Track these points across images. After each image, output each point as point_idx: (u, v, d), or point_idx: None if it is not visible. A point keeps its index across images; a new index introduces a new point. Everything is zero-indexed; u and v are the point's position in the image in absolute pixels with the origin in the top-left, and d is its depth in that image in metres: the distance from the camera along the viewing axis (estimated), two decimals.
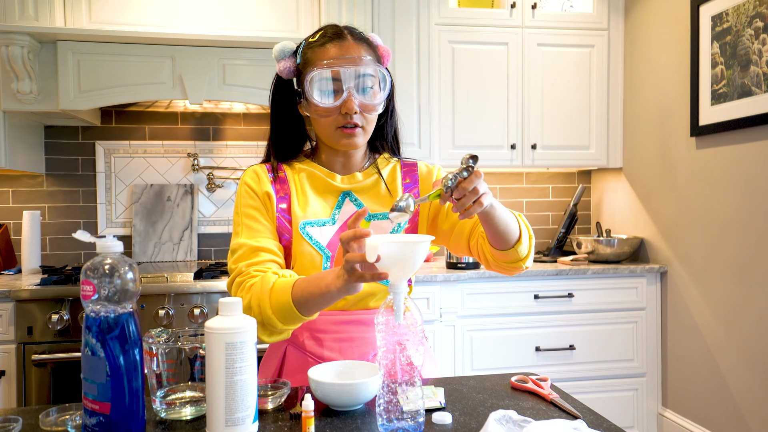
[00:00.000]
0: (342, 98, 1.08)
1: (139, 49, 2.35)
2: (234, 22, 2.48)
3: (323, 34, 1.13)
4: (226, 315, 0.78)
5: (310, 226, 1.13)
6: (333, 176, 1.18)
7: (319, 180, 1.18)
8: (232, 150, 2.88)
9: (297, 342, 1.16)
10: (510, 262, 1.10)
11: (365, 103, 1.10)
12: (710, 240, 2.41)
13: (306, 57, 1.13)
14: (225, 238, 2.88)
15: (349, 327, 1.13)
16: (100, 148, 2.77)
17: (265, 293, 1.01)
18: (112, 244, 0.72)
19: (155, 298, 2.18)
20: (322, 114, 1.11)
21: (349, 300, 1.13)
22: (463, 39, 2.79)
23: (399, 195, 1.20)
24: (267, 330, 1.03)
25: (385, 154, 1.26)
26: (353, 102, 1.08)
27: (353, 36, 1.12)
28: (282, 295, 1.00)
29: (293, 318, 1.00)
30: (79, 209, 2.76)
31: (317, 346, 1.13)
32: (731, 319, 2.31)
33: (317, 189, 1.18)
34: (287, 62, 1.15)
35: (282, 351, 1.17)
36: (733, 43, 2.24)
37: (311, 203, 1.15)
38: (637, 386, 2.67)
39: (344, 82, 1.08)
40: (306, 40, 1.15)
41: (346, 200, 1.18)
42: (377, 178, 1.21)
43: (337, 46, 1.09)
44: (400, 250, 0.80)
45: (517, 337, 2.56)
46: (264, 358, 1.23)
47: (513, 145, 2.83)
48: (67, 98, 2.30)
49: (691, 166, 2.50)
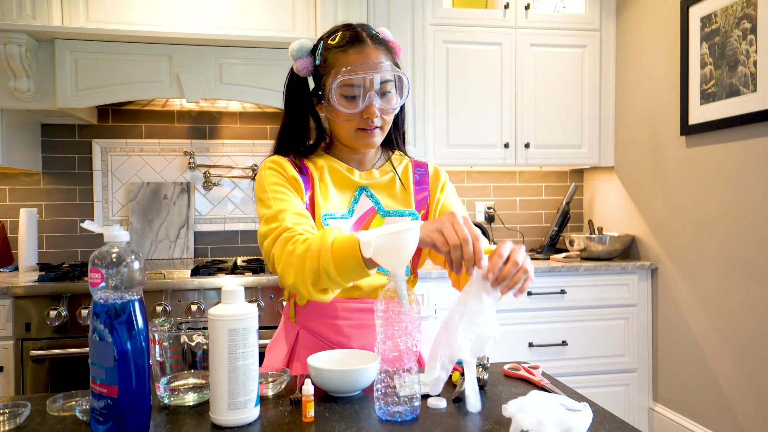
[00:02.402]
0: (364, 104, 1.12)
1: (136, 48, 2.37)
2: (231, 22, 2.51)
3: (342, 36, 1.14)
4: (228, 303, 0.81)
5: (331, 218, 1.16)
6: (352, 171, 1.21)
7: (339, 174, 1.20)
8: (228, 148, 2.90)
9: (311, 328, 1.19)
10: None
11: (385, 107, 1.14)
12: (699, 237, 2.45)
13: (326, 60, 1.15)
14: (221, 236, 2.90)
15: (361, 315, 1.17)
16: (97, 146, 2.78)
17: (326, 242, 0.96)
18: (119, 233, 0.75)
19: (153, 295, 2.20)
20: (343, 118, 1.14)
21: (363, 289, 1.17)
22: (457, 39, 2.83)
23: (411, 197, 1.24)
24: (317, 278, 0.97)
25: (398, 152, 1.30)
26: (375, 108, 1.12)
27: (372, 40, 1.14)
28: (348, 245, 0.94)
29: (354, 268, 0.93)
30: (75, 207, 2.77)
31: (331, 331, 1.17)
32: (719, 314, 2.35)
33: (337, 182, 1.20)
34: (305, 61, 1.17)
35: (295, 334, 1.20)
36: (721, 44, 2.28)
37: (331, 195, 1.18)
38: (628, 381, 2.71)
39: (366, 88, 1.11)
40: (324, 41, 1.17)
41: (362, 195, 1.21)
42: (393, 176, 1.25)
43: (358, 52, 1.12)
44: (391, 240, 0.83)
45: (511, 332, 2.59)
46: (273, 342, 1.26)
47: (506, 144, 2.87)
48: (65, 96, 2.32)
49: (681, 165, 2.55)
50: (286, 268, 1.01)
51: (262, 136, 2.94)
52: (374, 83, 1.11)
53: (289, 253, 1.01)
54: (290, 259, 1.00)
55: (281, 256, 1.02)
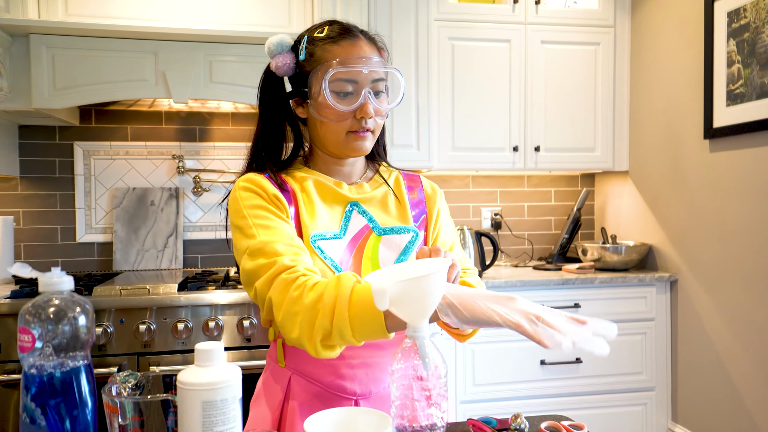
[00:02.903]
0: (360, 101, 0.98)
1: (119, 44, 2.19)
2: (221, 16, 2.33)
3: (331, 29, 1.02)
4: (203, 365, 0.64)
5: (321, 240, 0.99)
6: (340, 185, 1.06)
7: (325, 188, 1.04)
8: (219, 151, 2.73)
9: (304, 371, 1.01)
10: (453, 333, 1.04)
11: (378, 107, 1.01)
12: (724, 247, 2.29)
13: (313, 54, 1.01)
14: (212, 245, 2.72)
15: (363, 351, 1.00)
16: (79, 149, 2.60)
17: (343, 296, 0.80)
18: (60, 280, 0.57)
19: (136, 312, 2.02)
20: (334, 118, 1.00)
21: None
22: (463, 36, 2.65)
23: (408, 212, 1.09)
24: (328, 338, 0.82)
25: (384, 163, 1.16)
26: (369, 106, 0.99)
27: (364, 35, 1.04)
28: (368, 303, 0.79)
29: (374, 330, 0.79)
30: (56, 214, 2.59)
31: (330, 374, 0.99)
32: (745, 329, 2.19)
33: (324, 198, 1.04)
34: (285, 58, 1.03)
35: (285, 381, 1.02)
36: (751, 41, 2.12)
37: (319, 213, 1.01)
38: (645, 401, 2.54)
39: (362, 84, 0.99)
40: (309, 35, 1.03)
41: (354, 212, 1.05)
42: (386, 190, 1.10)
43: (352, 44, 1.00)
44: (411, 287, 0.65)
45: (521, 350, 2.42)
46: (258, 393, 1.08)
47: (515, 147, 2.70)
48: (41, 96, 2.13)
49: (704, 170, 2.38)
50: (289, 319, 0.84)
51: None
52: (369, 79, 0.99)
53: (293, 300, 0.84)
54: (295, 308, 0.83)
55: (282, 303, 0.85)
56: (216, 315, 2.07)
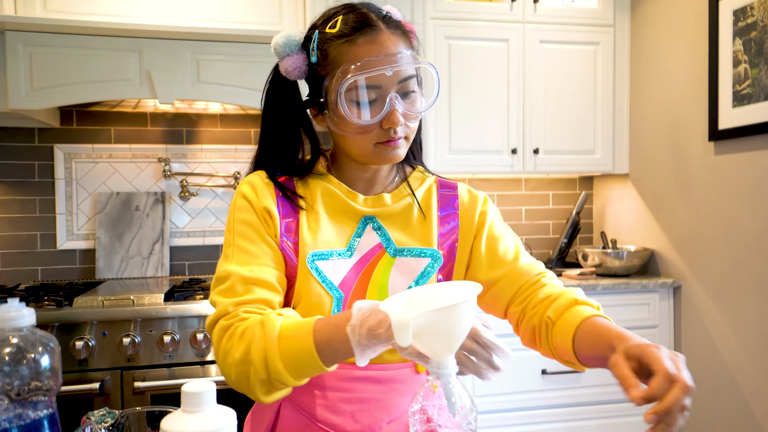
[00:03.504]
0: (385, 111, 0.84)
1: (101, 42, 2.08)
2: (209, 13, 2.23)
3: (345, 21, 0.87)
4: (191, 411, 0.54)
5: (321, 259, 0.89)
6: (354, 196, 0.94)
7: (336, 199, 0.93)
8: (207, 154, 2.62)
9: (295, 400, 0.91)
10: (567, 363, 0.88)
11: (409, 112, 0.87)
12: (730, 253, 2.22)
13: (327, 55, 0.87)
14: (200, 251, 2.62)
15: (360, 385, 0.89)
16: (60, 152, 2.48)
17: (271, 341, 0.76)
18: (18, 314, 0.48)
19: (119, 325, 1.91)
20: (358, 131, 0.86)
21: None
22: (460, 34, 2.57)
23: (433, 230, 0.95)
24: (268, 387, 0.78)
25: (419, 168, 1.02)
26: (398, 114, 0.85)
27: (386, 23, 0.87)
28: (297, 343, 0.75)
29: (311, 369, 0.76)
30: (35, 220, 2.47)
31: (321, 407, 0.89)
32: (753, 337, 2.12)
33: (332, 211, 0.93)
34: (296, 59, 0.89)
35: (274, 412, 0.92)
36: (759, 40, 2.05)
37: (323, 228, 0.91)
38: None
39: (386, 89, 0.84)
40: (319, 30, 0.89)
41: (367, 227, 0.93)
42: (410, 203, 0.96)
43: (370, 41, 0.85)
44: (440, 318, 0.56)
45: (522, 359, 2.34)
46: (249, 420, 0.98)
47: (514, 150, 2.62)
48: (18, 96, 2.02)
49: (709, 173, 2.31)
50: (225, 370, 0.80)
51: (245, 140, 2.66)
52: (395, 82, 0.84)
53: (225, 352, 0.79)
54: (227, 361, 0.79)
55: (218, 351, 0.81)
56: (204, 326, 1.97)
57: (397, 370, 0.92)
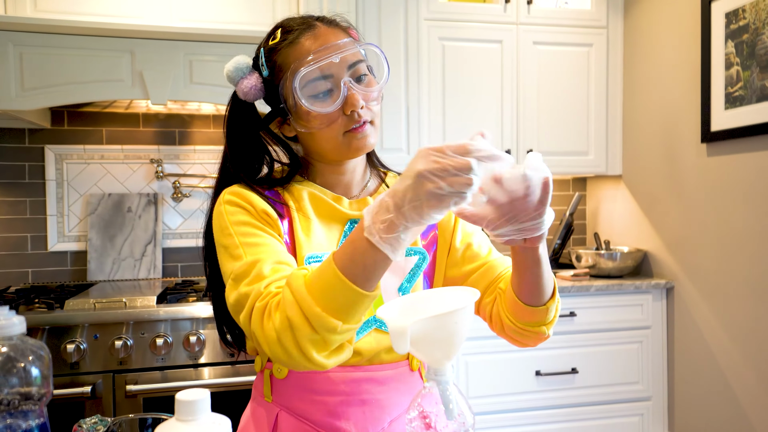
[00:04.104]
0: (342, 95, 0.86)
1: (92, 42, 2.06)
2: (202, 14, 2.22)
3: (286, 30, 0.91)
4: (185, 420, 0.54)
5: (316, 260, 0.88)
6: (340, 200, 0.95)
7: (323, 204, 0.94)
8: (200, 155, 2.61)
9: (294, 408, 0.90)
10: (534, 324, 0.86)
11: (367, 93, 0.88)
12: (722, 254, 2.23)
13: (275, 64, 0.90)
14: (193, 253, 2.60)
15: (359, 386, 0.89)
16: (51, 153, 2.46)
17: (300, 291, 0.71)
18: (7, 322, 0.47)
19: (111, 328, 1.90)
20: (323, 123, 0.88)
21: (363, 354, 0.88)
22: (454, 36, 2.57)
23: None
24: (321, 344, 0.71)
25: (391, 173, 1.05)
26: (356, 96, 0.86)
27: (322, 21, 0.92)
28: (323, 278, 0.71)
29: (351, 300, 0.70)
30: (26, 222, 2.45)
31: (321, 412, 0.88)
32: (745, 338, 2.13)
33: (321, 215, 0.93)
34: (250, 80, 0.91)
35: (272, 419, 0.91)
36: (750, 42, 2.06)
37: (315, 231, 0.91)
38: (642, 411, 2.48)
39: (338, 75, 0.87)
40: (265, 47, 0.93)
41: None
42: None
43: (312, 37, 0.89)
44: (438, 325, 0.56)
45: (516, 360, 2.35)
46: (242, 427, 0.97)
47: (508, 151, 2.62)
48: (8, 97, 2.00)
49: (701, 175, 2.32)
50: (274, 350, 0.74)
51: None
52: (344, 66, 0.87)
53: (269, 331, 0.74)
54: (273, 338, 0.73)
55: (264, 336, 0.75)
56: (197, 329, 1.96)
57: (396, 369, 0.92)
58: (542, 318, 0.85)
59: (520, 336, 0.88)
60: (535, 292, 0.82)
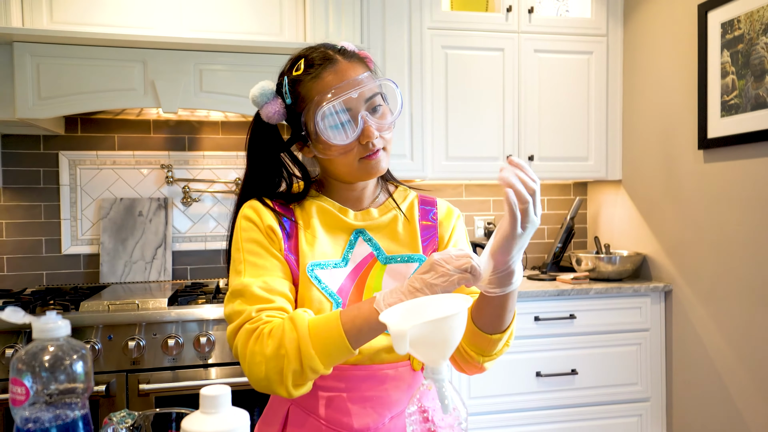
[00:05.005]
0: (359, 128, 0.95)
1: (106, 53, 2.13)
2: (212, 24, 2.29)
3: (307, 62, 0.99)
4: (209, 413, 0.60)
5: (319, 268, 0.98)
6: (345, 212, 1.03)
7: (329, 216, 1.03)
8: (209, 161, 2.68)
9: (302, 403, 0.99)
10: (476, 350, 0.95)
11: (381, 124, 0.97)
12: (720, 258, 2.28)
13: (299, 95, 0.99)
14: (202, 256, 2.67)
15: (361, 384, 0.97)
16: (65, 158, 2.54)
17: (303, 330, 0.84)
18: (55, 325, 0.53)
19: (125, 329, 1.97)
20: (340, 152, 0.96)
21: (363, 353, 0.97)
22: (456, 44, 2.63)
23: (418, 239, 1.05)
24: (299, 377, 0.85)
25: (402, 186, 1.13)
26: (372, 129, 0.95)
27: (342, 55, 1.00)
28: (326, 329, 0.84)
29: (340, 352, 0.84)
30: (40, 225, 2.52)
31: (325, 407, 0.97)
32: (741, 340, 2.18)
33: (327, 226, 1.02)
34: (274, 106, 1.00)
35: (284, 413, 1.00)
36: (745, 52, 2.12)
37: (320, 241, 1.00)
38: (641, 411, 2.53)
39: (356, 109, 0.96)
40: (288, 76, 1.01)
41: (359, 239, 1.03)
42: (394, 215, 1.06)
43: (333, 72, 0.97)
44: (431, 329, 0.62)
45: (517, 361, 2.40)
46: (262, 421, 1.06)
47: (509, 157, 2.67)
48: (25, 106, 2.07)
49: (699, 181, 2.38)
50: (255, 368, 0.86)
51: (246, 147, 2.71)
52: (362, 101, 0.95)
53: (254, 352, 0.86)
54: (257, 359, 0.85)
55: (245, 354, 0.87)
56: (207, 330, 2.03)
57: (396, 368, 0.99)
58: (486, 346, 0.94)
59: (461, 359, 0.98)
60: (494, 321, 0.92)
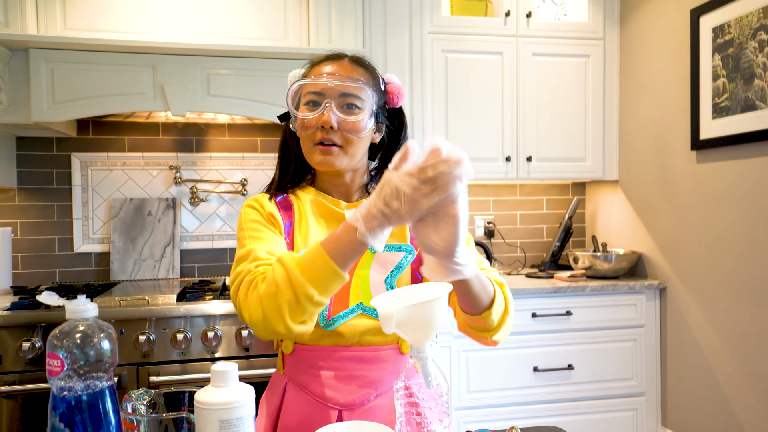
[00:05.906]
0: (319, 111, 1.04)
1: (117, 58, 2.22)
2: (218, 30, 2.37)
3: (326, 57, 1.12)
4: (219, 386, 0.68)
5: None
6: (338, 203, 1.12)
7: (322, 206, 1.11)
8: (216, 162, 2.76)
9: (297, 381, 1.08)
10: (478, 330, 0.99)
11: (346, 120, 1.04)
12: (712, 256, 2.34)
13: (303, 75, 1.12)
14: (209, 254, 2.75)
15: (348, 364, 1.05)
16: (77, 160, 2.63)
17: (291, 264, 0.88)
18: (85, 307, 0.61)
19: (135, 323, 2.05)
20: (302, 128, 1.07)
21: (345, 336, 1.04)
22: (456, 48, 2.70)
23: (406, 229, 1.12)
24: (296, 308, 0.87)
25: None
26: (330, 116, 1.03)
27: (352, 60, 1.11)
28: (311, 256, 0.87)
29: (329, 276, 0.86)
30: (53, 225, 2.61)
31: (319, 385, 1.05)
32: (733, 336, 2.25)
33: (320, 215, 1.11)
34: (293, 87, 1.11)
35: (282, 387, 1.09)
36: (735, 56, 2.18)
37: (312, 231, 1.08)
38: (636, 406, 2.59)
39: (326, 96, 1.05)
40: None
41: None
42: None
43: (331, 63, 1.09)
44: (415, 312, 0.70)
45: (515, 357, 2.47)
46: (265, 394, 1.15)
47: (508, 158, 2.75)
48: (40, 109, 2.16)
49: (691, 181, 2.44)
50: (252, 314, 0.90)
51: (251, 148, 2.80)
52: (336, 92, 1.04)
53: (251, 298, 0.91)
54: (253, 303, 0.90)
55: (245, 303, 0.92)
56: (214, 325, 2.10)
57: (383, 351, 1.07)
58: (482, 325, 0.97)
59: (473, 337, 1.02)
60: (472, 304, 0.95)
